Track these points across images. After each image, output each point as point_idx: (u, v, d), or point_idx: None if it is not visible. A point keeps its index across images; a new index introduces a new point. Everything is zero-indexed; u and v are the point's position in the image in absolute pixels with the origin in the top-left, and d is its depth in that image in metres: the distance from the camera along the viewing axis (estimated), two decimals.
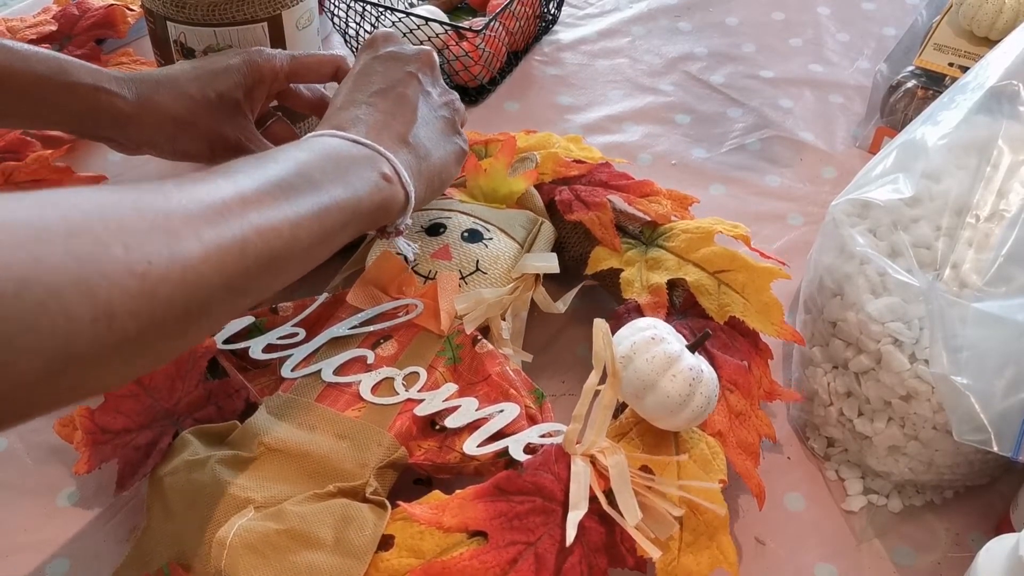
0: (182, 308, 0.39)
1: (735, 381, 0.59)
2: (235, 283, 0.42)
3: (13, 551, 0.57)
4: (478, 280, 0.65)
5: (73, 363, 0.35)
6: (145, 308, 0.37)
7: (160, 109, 0.65)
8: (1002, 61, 0.64)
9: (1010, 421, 0.51)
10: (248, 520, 0.50)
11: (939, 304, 0.54)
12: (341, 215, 0.50)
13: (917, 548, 0.58)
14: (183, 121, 0.66)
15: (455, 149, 0.63)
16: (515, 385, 0.58)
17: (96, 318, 0.35)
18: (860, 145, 0.89)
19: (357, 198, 0.52)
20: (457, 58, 0.89)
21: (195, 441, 0.55)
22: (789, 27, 1.05)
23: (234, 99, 0.67)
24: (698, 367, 0.52)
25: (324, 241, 0.50)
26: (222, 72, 0.67)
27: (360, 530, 0.49)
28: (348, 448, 0.55)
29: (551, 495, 0.51)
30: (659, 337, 0.53)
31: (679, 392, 0.51)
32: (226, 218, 0.42)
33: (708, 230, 0.66)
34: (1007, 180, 0.59)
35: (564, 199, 0.70)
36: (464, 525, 0.49)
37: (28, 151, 0.80)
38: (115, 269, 0.36)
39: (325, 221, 0.49)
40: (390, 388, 0.58)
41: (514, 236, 0.68)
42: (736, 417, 0.57)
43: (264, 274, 0.45)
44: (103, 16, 0.93)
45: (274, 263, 0.45)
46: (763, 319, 0.61)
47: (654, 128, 0.91)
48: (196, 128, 0.67)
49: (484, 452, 0.55)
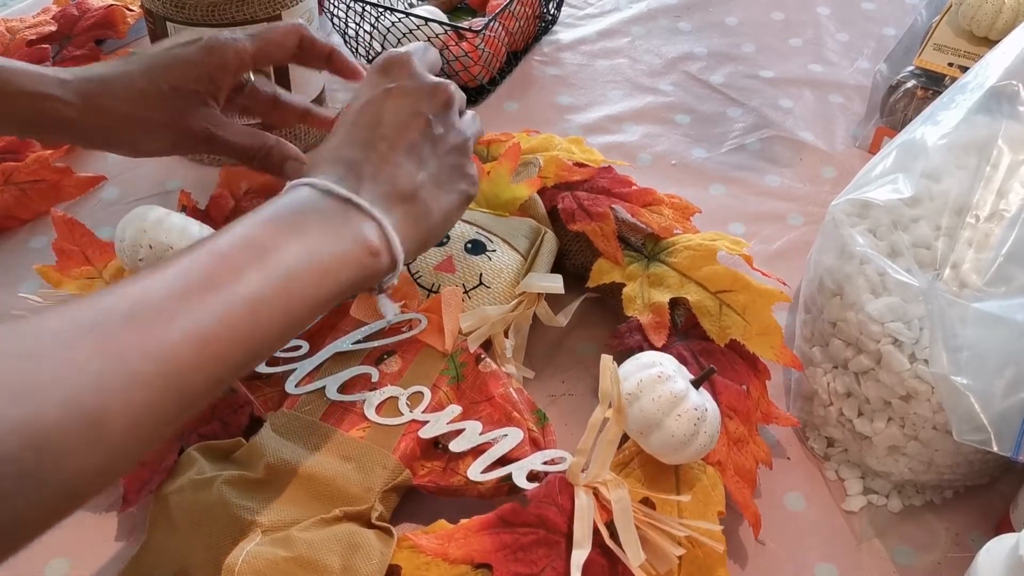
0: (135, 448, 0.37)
1: (735, 407, 0.59)
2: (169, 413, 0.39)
3: None
4: (481, 294, 0.65)
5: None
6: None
7: (108, 110, 0.60)
8: (1002, 61, 0.64)
9: (1010, 421, 0.51)
10: (256, 546, 0.50)
11: (939, 304, 0.54)
12: (306, 300, 0.44)
13: (917, 548, 0.58)
14: (137, 118, 0.61)
15: (458, 198, 0.56)
16: (518, 407, 0.59)
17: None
18: (860, 145, 0.89)
19: (329, 276, 0.46)
20: (457, 58, 0.89)
21: (200, 459, 0.55)
22: (789, 27, 1.05)
23: (191, 90, 0.61)
24: (703, 406, 0.53)
25: (285, 327, 0.44)
26: (174, 63, 0.61)
27: (367, 559, 0.50)
28: (353, 470, 0.55)
29: (555, 527, 0.51)
30: (665, 375, 0.53)
31: (684, 432, 0.52)
32: (156, 339, 0.38)
33: (710, 248, 0.66)
34: (1007, 180, 0.59)
35: (567, 207, 0.70)
36: (470, 557, 0.50)
37: (28, 151, 0.80)
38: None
39: (287, 305, 0.43)
40: (394, 408, 0.59)
41: (517, 247, 0.68)
42: (735, 444, 0.58)
43: (211, 388, 0.41)
44: (103, 16, 0.93)
45: (221, 371, 0.40)
46: (763, 343, 0.61)
47: (654, 128, 0.91)
48: (153, 124, 0.61)
49: (488, 478, 0.55)
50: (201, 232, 0.63)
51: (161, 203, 0.65)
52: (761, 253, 0.76)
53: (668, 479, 0.55)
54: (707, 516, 0.54)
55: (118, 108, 0.61)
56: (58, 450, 0.34)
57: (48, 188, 0.79)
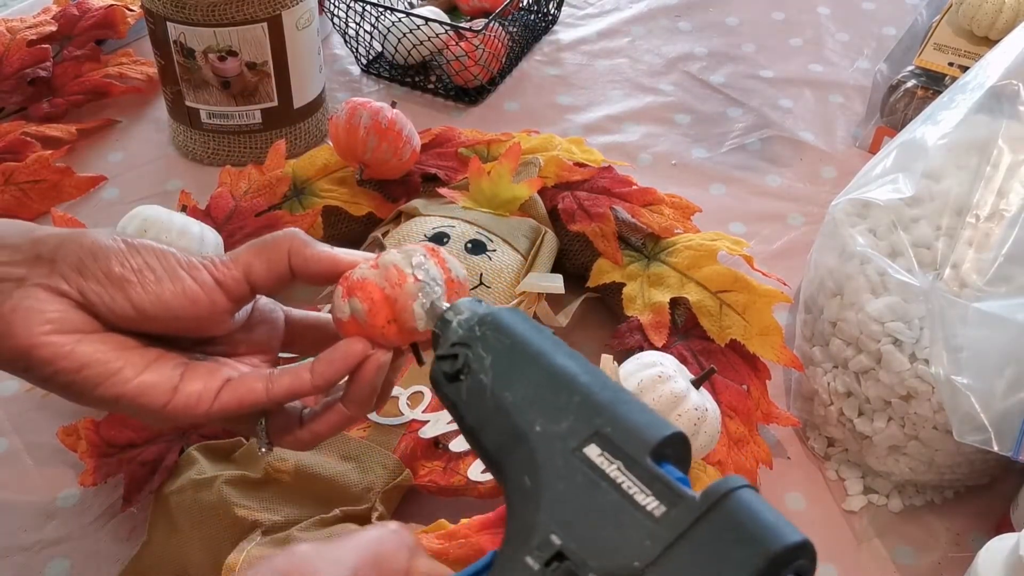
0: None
1: (735, 407, 0.59)
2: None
3: (13, 551, 0.57)
4: (481, 294, 0.65)
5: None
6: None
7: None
8: (1002, 61, 0.64)
9: (1010, 421, 0.51)
10: (256, 546, 0.50)
11: (939, 304, 0.54)
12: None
13: (917, 548, 0.58)
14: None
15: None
16: None
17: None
18: (860, 145, 0.89)
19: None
20: (456, 58, 0.89)
21: (201, 458, 0.55)
22: (789, 27, 1.05)
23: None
24: (703, 406, 0.53)
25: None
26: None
27: None
28: (354, 470, 0.55)
29: None
30: (665, 375, 0.53)
31: (685, 431, 0.51)
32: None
33: (711, 248, 0.66)
34: (1007, 180, 0.59)
35: (567, 208, 0.70)
36: (470, 557, 0.50)
37: (28, 151, 0.80)
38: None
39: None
40: (395, 408, 0.59)
41: (517, 247, 0.68)
42: (735, 444, 0.58)
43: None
44: (103, 16, 0.93)
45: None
46: (763, 343, 0.61)
47: (654, 128, 0.90)
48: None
49: (488, 478, 0.55)
50: (202, 232, 0.63)
51: (161, 203, 0.65)
52: (761, 253, 0.76)
53: None
54: None
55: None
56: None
57: (48, 188, 0.79)
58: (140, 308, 0.39)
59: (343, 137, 0.72)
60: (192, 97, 0.80)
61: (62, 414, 0.62)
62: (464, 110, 0.92)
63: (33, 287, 0.38)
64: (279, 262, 0.41)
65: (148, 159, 0.86)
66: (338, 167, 0.75)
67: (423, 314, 0.39)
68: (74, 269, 0.39)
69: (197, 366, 0.41)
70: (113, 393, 0.39)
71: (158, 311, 0.39)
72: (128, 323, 0.40)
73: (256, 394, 0.41)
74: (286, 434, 0.43)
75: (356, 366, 0.41)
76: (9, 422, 0.63)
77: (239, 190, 0.74)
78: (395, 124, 0.72)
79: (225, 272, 0.41)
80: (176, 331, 0.41)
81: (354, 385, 0.41)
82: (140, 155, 0.86)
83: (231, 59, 0.77)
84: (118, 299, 0.39)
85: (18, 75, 0.87)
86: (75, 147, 0.84)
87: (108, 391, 0.39)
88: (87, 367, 0.38)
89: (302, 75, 0.81)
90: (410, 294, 0.39)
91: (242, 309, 0.43)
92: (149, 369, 0.40)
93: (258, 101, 0.81)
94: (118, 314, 0.39)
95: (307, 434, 0.43)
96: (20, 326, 0.37)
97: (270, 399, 0.41)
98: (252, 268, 0.41)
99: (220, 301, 0.41)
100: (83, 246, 0.39)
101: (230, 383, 0.41)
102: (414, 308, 0.39)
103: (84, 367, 0.38)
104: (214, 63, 0.77)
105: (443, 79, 0.94)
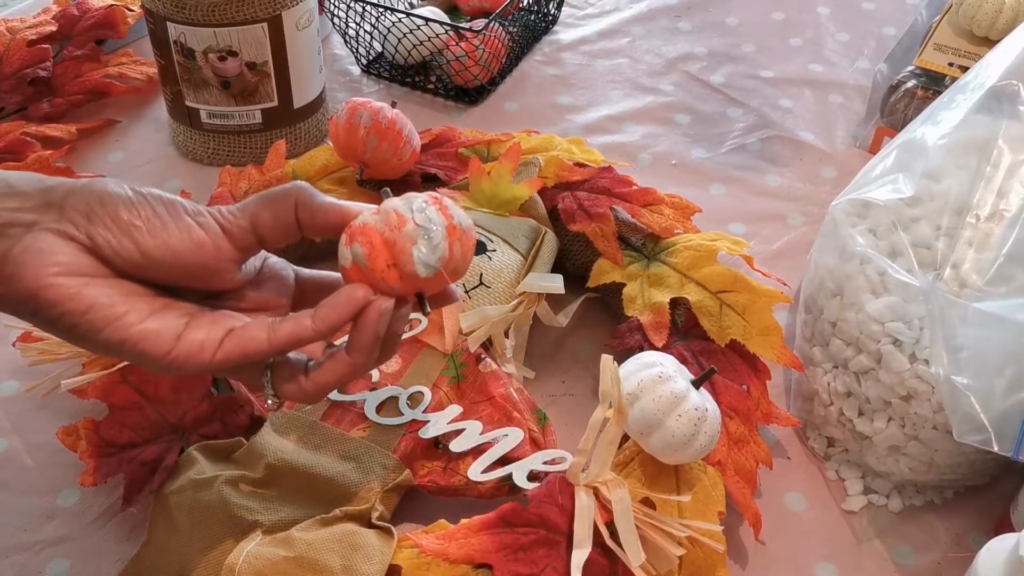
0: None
1: (735, 407, 0.59)
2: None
3: (13, 551, 0.57)
4: (481, 294, 0.65)
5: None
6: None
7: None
8: (1002, 61, 0.64)
9: (1010, 421, 0.51)
10: (256, 546, 0.50)
11: (939, 304, 0.54)
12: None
13: (917, 548, 0.58)
14: None
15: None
16: (518, 407, 0.59)
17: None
18: (860, 145, 0.89)
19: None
20: (456, 58, 0.89)
21: (201, 459, 0.55)
22: (789, 27, 1.05)
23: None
24: (703, 406, 0.53)
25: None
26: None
27: (367, 559, 0.50)
28: (354, 470, 0.55)
29: (555, 527, 0.51)
30: (666, 375, 0.53)
31: (684, 432, 0.52)
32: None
33: (711, 248, 0.66)
34: (1007, 180, 0.59)
35: (567, 208, 0.70)
36: (470, 557, 0.50)
37: (28, 151, 0.80)
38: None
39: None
40: (395, 408, 0.59)
41: (517, 247, 0.68)
42: (735, 444, 0.58)
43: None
44: (103, 16, 0.93)
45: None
46: (763, 343, 0.61)
47: (654, 128, 0.91)
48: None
49: (488, 478, 0.55)
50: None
51: None
52: (761, 253, 0.76)
53: (668, 479, 0.55)
54: (707, 516, 0.54)
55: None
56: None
57: None
58: (147, 253, 0.40)
59: (343, 137, 0.72)
60: (192, 97, 0.80)
61: (62, 414, 0.62)
62: (464, 110, 0.92)
63: (42, 231, 0.39)
64: (286, 213, 0.42)
65: (148, 159, 0.86)
66: (338, 167, 0.75)
67: (422, 258, 0.39)
68: (83, 215, 0.39)
69: (202, 316, 0.42)
70: (117, 337, 0.39)
71: (164, 256, 0.40)
72: (136, 269, 0.40)
73: (258, 342, 0.41)
74: (291, 384, 0.43)
75: (358, 312, 0.41)
76: (9, 422, 0.63)
77: (239, 190, 0.74)
78: (395, 124, 0.72)
79: (232, 220, 0.42)
80: (183, 279, 0.42)
81: (357, 332, 0.42)
82: (140, 155, 0.86)
83: (231, 59, 0.77)
84: (125, 244, 0.40)
85: (18, 75, 0.87)
86: (75, 147, 0.85)
87: (112, 335, 0.39)
88: (92, 309, 0.39)
89: (302, 75, 0.81)
90: (409, 237, 0.39)
91: (250, 263, 0.44)
92: (154, 316, 0.40)
93: (258, 101, 0.81)
94: (125, 259, 0.40)
95: (311, 384, 0.43)
96: (29, 268, 0.38)
97: (272, 346, 0.41)
98: (259, 218, 0.42)
99: (226, 248, 0.41)
100: (92, 193, 0.40)
101: (233, 332, 0.41)
102: (412, 252, 0.39)
103: (90, 309, 0.39)
104: (214, 63, 0.77)
105: (443, 79, 0.94)
